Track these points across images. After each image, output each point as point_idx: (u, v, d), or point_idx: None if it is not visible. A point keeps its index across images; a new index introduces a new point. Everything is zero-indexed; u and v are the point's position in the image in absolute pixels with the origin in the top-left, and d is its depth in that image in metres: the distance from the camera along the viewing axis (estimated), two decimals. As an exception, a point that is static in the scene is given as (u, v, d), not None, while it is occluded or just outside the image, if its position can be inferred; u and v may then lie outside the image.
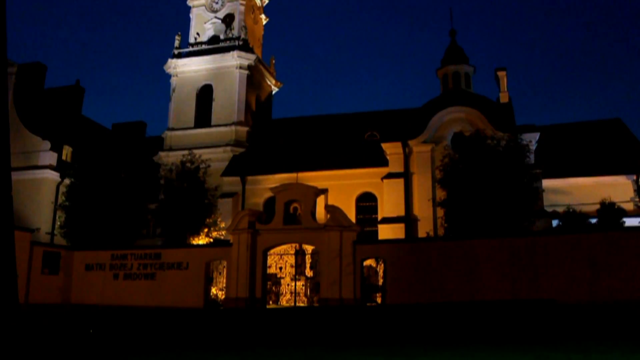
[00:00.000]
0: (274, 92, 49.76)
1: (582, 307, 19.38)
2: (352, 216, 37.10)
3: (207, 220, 29.89)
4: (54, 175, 37.75)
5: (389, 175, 33.41)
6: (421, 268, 22.97)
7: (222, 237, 30.04)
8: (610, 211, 26.94)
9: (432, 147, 32.62)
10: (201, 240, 29.10)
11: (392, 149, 33.60)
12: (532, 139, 31.28)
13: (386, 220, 32.49)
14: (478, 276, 22.34)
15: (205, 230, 29.47)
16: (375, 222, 36.83)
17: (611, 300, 20.27)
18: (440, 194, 30.49)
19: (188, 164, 32.02)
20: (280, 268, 27.29)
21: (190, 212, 29.15)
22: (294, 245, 25.72)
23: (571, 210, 26.87)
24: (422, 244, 24.72)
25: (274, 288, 28.17)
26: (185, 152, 41.52)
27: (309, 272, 31.19)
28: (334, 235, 24.02)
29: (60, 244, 33.56)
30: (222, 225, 31.00)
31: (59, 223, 32.39)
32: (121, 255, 27.79)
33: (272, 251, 25.99)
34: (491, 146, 25.09)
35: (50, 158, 37.98)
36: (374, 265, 24.92)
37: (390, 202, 32.76)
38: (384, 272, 23.66)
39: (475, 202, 23.94)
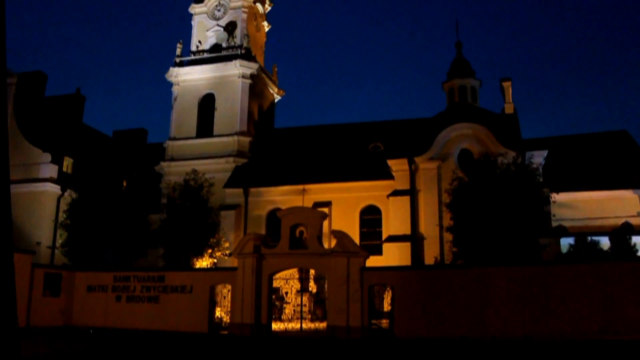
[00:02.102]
0: (276, 100, 49.27)
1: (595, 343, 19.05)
2: (356, 229, 36.90)
3: (211, 240, 29.47)
4: (55, 189, 37.32)
5: (395, 193, 33.01)
6: (430, 297, 22.58)
7: (226, 257, 29.68)
8: (622, 235, 26.45)
9: (438, 164, 32.22)
10: (205, 261, 28.72)
11: (398, 166, 33.19)
12: (540, 156, 30.91)
13: (392, 239, 32.12)
14: (488, 305, 21.94)
15: (209, 251, 29.07)
16: (379, 236, 36.52)
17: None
18: (448, 213, 30.23)
19: (192, 182, 31.54)
20: (286, 293, 27.00)
21: (194, 232, 28.74)
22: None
23: (583, 232, 26.36)
24: (431, 271, 24.30)
25: (277, 303, 27.91)
26: (188, 168, 41.37)
27: (312, 286, 30.93)
28: (341, 261, 23.61)
29: (62, 260, 33.25)
30: (227, 245, 30.64)
31: (60, 241, 31.91)
32: (124, 277, 27.34)
33: (277, 275, 25.60)
34: (501, 170, 24.66)
35: (51, 171, 37.54)
36: (380, 290, 24.55)
37: (396, 220, 32.37)
38: (392, 299, 23.26)
39: (484, 227, 23.58)
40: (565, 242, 30.56)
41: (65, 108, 46.12)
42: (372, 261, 35.28)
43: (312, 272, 29.00)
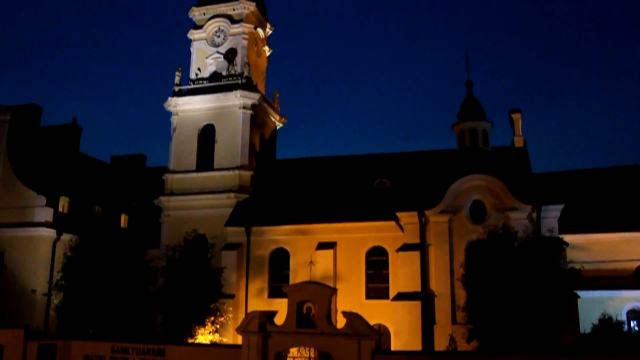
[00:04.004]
0: (278, 128, 47.86)
1: None
2: (361, 272, 35.92)
3: (212, 305, 28.24)
4: (51, 233, 36.16)
5: (404, 247, 31.77)
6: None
7: (227, 322, 28.54)
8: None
9: (449, 217, 30.99)
10: (207, 328, 27.51)
11: (407, 219, 31.97)
12: (555, 210, 29.80)
13: (401, 297, 30.91)
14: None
15: (212, 318, 27.86)
16: (386, 279, 35.39)
17: None
18: (459, 270, 29.15)
19: (189, 234, 30.17)
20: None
21: (195, 298, 27.51)
22: (307, 348, 24.16)
23: (606, 317, 25.21)
24: (445, 358, 23.14)
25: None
26: (188, 203, 40.52)
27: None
28: (351, 343, 22.45)
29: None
30: (230, 309, 29.47)
31: (55, 301, 30.56)
32: (122, 348, 26.14)
33: (283, 354, 24.47)
34: (520, 244, 23.49)
35: (46, 214, 36.32)
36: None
37: (405, 276, 31.15)
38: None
39: (502, 307, 22.43)
40: (585, 296, 29.25)
41: (61, 139, 44.82)
42: (379, 306, 34.66)
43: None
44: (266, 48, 47.96)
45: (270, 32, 48.39)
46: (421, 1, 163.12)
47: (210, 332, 28.44)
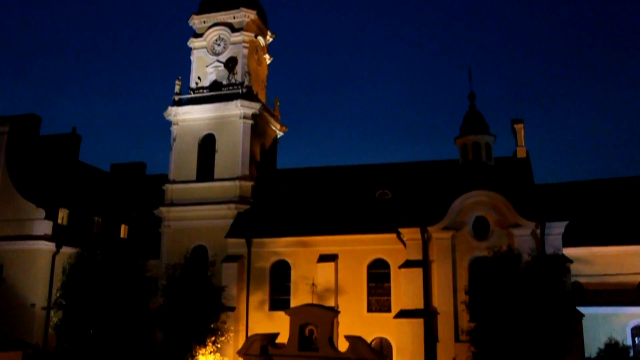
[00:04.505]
0: (279, 136, 47.53)
1: None
2: (363, 284, 35.64)
3: (213, 325, 27.94)
4: (50, 246, 35.80)
5: (407, 264, 31.47)
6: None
7: (228, 340, 28.26)
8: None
9: (452, 233, 30.69)
10: (208, 349, 27.24)
11: (410, 235, 31.67)
12: (559, 227, 29.55)
13: (404, 314, 30.59)
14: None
15: (213, 338, 27.56)
16: (388, 291, 35.12)
17: None
18: (462, 287, 28.95)
19: (188, 252, 29.92)
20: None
21: (196, 318, 27.19)
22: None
23: (612, 342, 24.99)
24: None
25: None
26: (188, 213, 40.25)
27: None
28: (354, 368, 22.22)
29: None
30: (231, 328, 29.19)
31: (54, 319, 30.23)
32: (122, 369, 25.94)
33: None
34: (524, 269, 23.22)
35: (45, 227, 35.95)
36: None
37: (407, 293, 30.86)
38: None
39: (506, 331, 22.19)
40: (589, 312, 28.95)
41: (61, 148, 44.53)
42: (380, 319, 34.42)
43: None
44: (267, 56, 47.59)
45: (270, 39, 48.02)
46: (424, 13, 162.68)
47: (211, 352, 28.16)
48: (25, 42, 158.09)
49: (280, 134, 47.46)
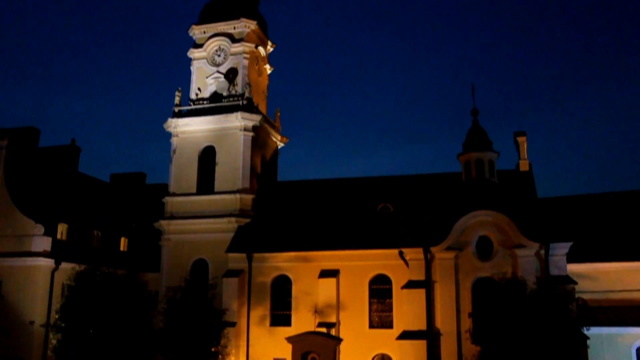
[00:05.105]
0: (279, 147, 47.19)
1: None
2: (364, 300, 35.42)
3: (214, 348, 27.65)
4: (49, 262, 35.37)
5: (410, 284, 31.15)
6: None
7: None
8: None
9: (456, 253, 30.40)
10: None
11: (412, 254, 31.37)
12: (564, 248, 29.26)
13: (406, 335, 30.27)
14: None
15: (213, 361, 27.34)
16: (390, 307, 34.84)
17: None
18: (465, 306, 28.69)
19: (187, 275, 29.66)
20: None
21: (197, 340, 26.90)
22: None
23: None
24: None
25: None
26: (188, 226, 39.95)
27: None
28: (357, 398, 21.93)
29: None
30: (232, 352, 28.90)
31: (53, 342, 29.87)
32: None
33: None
34: (530, 297, 22.94)
35: (45, 244, 35.55)
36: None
37: (410, 314, 30.56)
38: None
39: (511, 357, 21.92)
40: (593, 333, 28.64)
41: (60, 160, 44.19)
42: (382, 335, 34.16)
43: None
44: (267, 66, 47.22)
45: (271, 49, 47.63)
46: (428, 24, 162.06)
47: (212, 377, 27.94)
48: (25, 51, 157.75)
49: (281, 145, 47.16)
